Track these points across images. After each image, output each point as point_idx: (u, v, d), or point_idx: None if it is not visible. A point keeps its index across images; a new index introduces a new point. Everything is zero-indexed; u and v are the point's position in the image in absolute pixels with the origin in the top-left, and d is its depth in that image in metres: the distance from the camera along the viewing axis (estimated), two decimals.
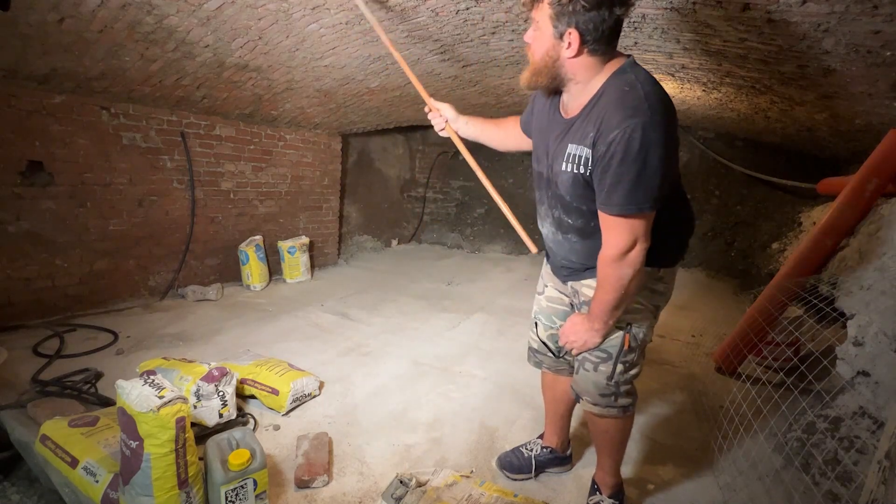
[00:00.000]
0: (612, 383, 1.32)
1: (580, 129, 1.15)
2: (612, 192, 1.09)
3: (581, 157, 1.14)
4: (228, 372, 1.82)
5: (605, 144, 1.07)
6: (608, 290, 1.19)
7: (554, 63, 1.14)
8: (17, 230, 2.67)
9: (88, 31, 2.23)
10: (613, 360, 1.31)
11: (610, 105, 1.08)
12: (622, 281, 1.17)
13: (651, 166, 1.05)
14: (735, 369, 2.56)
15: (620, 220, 1.11)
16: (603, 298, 1.21)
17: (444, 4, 2.21)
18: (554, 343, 1.53)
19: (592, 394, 1.36)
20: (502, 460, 1.68)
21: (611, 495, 1.51)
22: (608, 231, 1.15)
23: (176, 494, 1.24)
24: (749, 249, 5.03)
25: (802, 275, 2.50)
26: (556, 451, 1.70)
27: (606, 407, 1.36)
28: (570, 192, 1.21)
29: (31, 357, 2.32)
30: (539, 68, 1.17)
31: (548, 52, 1.14)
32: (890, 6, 1.55)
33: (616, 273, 1.16)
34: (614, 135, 1.05)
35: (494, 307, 3.64)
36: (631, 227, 1.12)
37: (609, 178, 1.08)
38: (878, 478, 1.11)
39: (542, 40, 1.14)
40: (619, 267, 1.16)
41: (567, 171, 1.18)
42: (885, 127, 2.53)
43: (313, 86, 3.35)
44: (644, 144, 1.04)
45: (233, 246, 3.84)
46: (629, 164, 1.05)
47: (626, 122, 1.04)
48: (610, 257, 1.16)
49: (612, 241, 1.15)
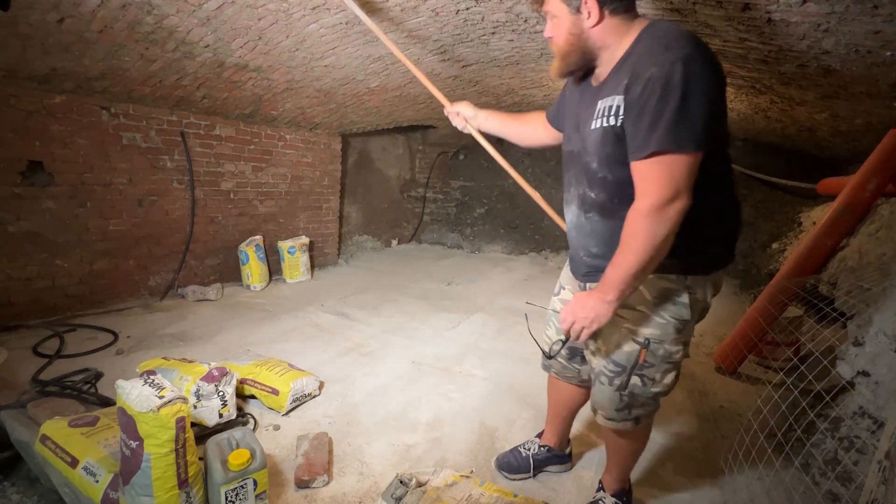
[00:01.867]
0: (626, 394, 1.24)
1: (612, 82, 1.09)
2: (651, 131, 0.97)
3: (612, 107, 1.06)
4: (228, 372, 1.82)
5: (640, 84, 0.99)
6: (633, 249, 1.03)
7: (579, 39, 1.12)
8: (17, 230, 2.67)
9: (88, 31, 2.23)
10: (627, 373, 1.22)
11: (645, 50, 1.03)
12: (653, 240, 1.00)
13: (693, 100, 0.95)
14: (735, 369, 2.56)
15: (658, 163, 0.98)
16: (624, 262, 1.04)
17: (444, 4, 2.21)
18: (566, 348, 1.46)
19: (608, 409, 1.30)
20: (500, 461, 1.68)
21: (614, 494, 1.49)
22: (644, 180, 1.01)
23: (176, 494, 1.24)
24: (749, 249, 5.03)
25: (802, 275, 2.50)
26: (554, 450, 1.69)
27: (622, 421, 1.30)
28: (598, 154, 1.12)
29: (31, 357, 2.32)
30: (566, 51, 1.15)
31: (570, 31, 1.12)
32: (890, 6, 1.55)
33: (649, 228, 1.00)
34: (651, 72, 0.97)
35: (494, 307, 3.64)
36: (671, 172, 0.97)
37: (646, 118, 0.98)
38: (878, 478, 1.11)
39: (560, 25, 1.13)
40: (653, 221, 1.00)
41: (596, 129, 1.11)
42: (885, 127, 2.53)
43: (313, 86, 3.35)
44: (685, 77, 0.94)
45: (233, 246, 3.84)
46: (668, 99, 0.95)
47: (664, 57, 0.97)
48: (645, 208, 1.00)
49: (650, 189, 1.00)
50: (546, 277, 4.66)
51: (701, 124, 0.97)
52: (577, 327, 1.13)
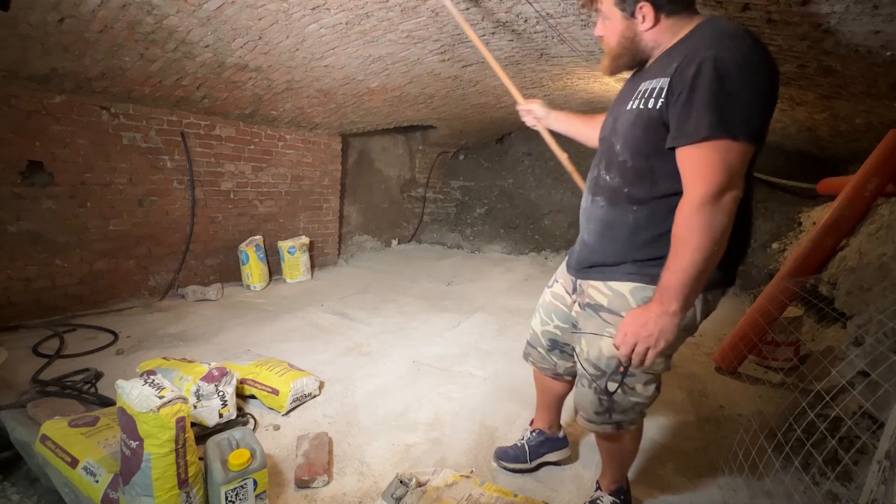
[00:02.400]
0: (606, 399, 1.21)
1: (660, 65, 1.06)
2: (704, 114, 0.90)
3: (655, 88, 1.01)
4: (228, 372, 1.82)
5: (694, 65, 0.92)
6: (693, 246, 0.93)
7: (632, 42, 1.11)
8: (17, 230, 2.67)
9: (88, 31, 2.23)
10: (605, 378, 1.18)
11: (702, 37, 0.98)
12: (712, 232, 0.92)
13: (750, 91, 0.89)
14: (735, 369, 2.56)
15: (712, 148, 0.91)
16: (683, 263, 0.94)
17: (443, 5, 2.21)
18: (546, 339, 1.48)
19: (588, 411, 1.28)
20: (498, 452, 1.70)
21: (611, 493, 1.49)
22: (694, 168, 0.94)
23: (176, 494, 1.24)
24: (749, 249, 5.03)
25: (802, 275, 2.50)
26: (545, 433, 1.69)
27: (602, 424, 1.27)
28: (626, 136, 1.09)
29: (31, 357, 2.32)
30: (618, 52, 1.15)
31: (623, 34, 1.11)
32: (890, 6, 1.55)
33: (706, 221, 0.92)
34: (706, 54, 0.91)
35: (494, 307, 3.64)
36: (724, 159, 0.90)
37: (699, 99, 0.91)
38: (878, 478, 1.11)
39: (613, 27, 1.12)
40: (710, 211, 0.91)
41: (632, 109, 1.08)
42: (885, 127, 2.53)
43: (313, 86, 3.35)
44: (746, 66, 0.90)
45: (233, 246, 3.84)
46: (727, 81, 0.89)
47: (723, 43, 0.92)
48: (699, 198, 0.92)
49: (703, 176, 0.92)
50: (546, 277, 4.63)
51: (757, 117, 0.92)
52: (641, 348, 1.01)
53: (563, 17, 2.25)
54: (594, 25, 1.31)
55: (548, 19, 2.29)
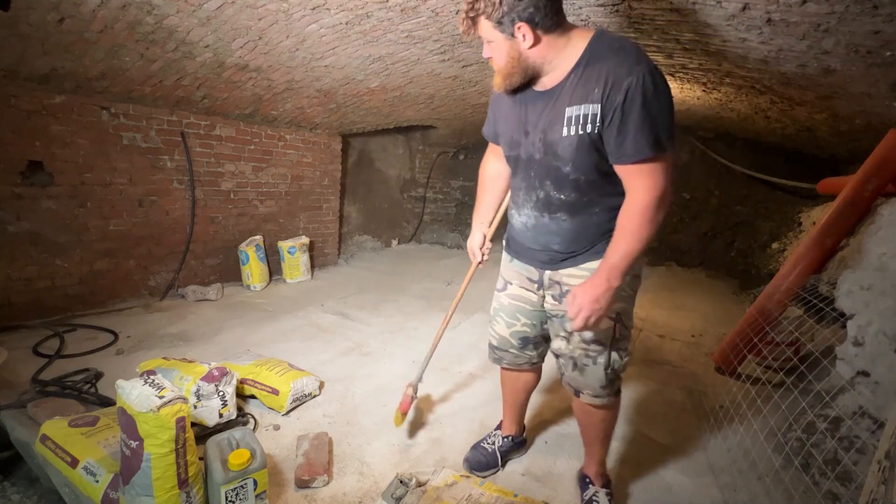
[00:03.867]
0: (610, 372, 1.34)
1: (577, 90, 1.14)
2: (639, 135, 1.07)
3: (587, 115, 1.12)
4: (228, 372, 1.82)
5: (621, 92, 1.06)
6: (640, 237, 1.14)
7: (519, 60, 1.16)
8: (17, 230, 2.67)
9: (88, 31, 2.23)
10: (608, 350, 1.32)
11: (609, 61, 1.09)
12: (656, 226, 1.15)
13: (667, 108, 1.09)
14: (735, 369, 2.56)
15: (655, 162, 1.11)
16: (630, 249, 1.15)
17: (444, 4, 2.21)
18: (517, 339, 1.53)
19: (594, 387, 1.37)
20: (471, 461, 1.69)
21: (604, 485, 1.55)
22: (639, 179, 1.13)
23: (176, 494, 1.24)
24: (749, 249, 5.03)
25: (802, 275, 2.50)
26: (516, 438, 1.77)
27: (607, 396, 1.39)
28: (573, 159, 1.18)
29: (31, 357, 2.32)
30: (508, 71, 1.19)
31: (509, 54, 1.16)
32: (890, 6, 1.55)
33: (654, 217, 1.13)
34: (629, 81, 1.05)
35: None
36: (664, 168, 1.12)
37: (632, 123, 1.07)
38: (878, 478, 1.11)
39: (499, 49, 1.16)
40: (656, 211, 1.13)
41: (570, 136, 1.15)
42: (885, 127, 2.53)
43: (313, 86, 3.35)
44: (658, 87, 1.07)
45: (233, 246, 3.84)
46: (651, 105, 1.06)
47: (636, 68, 1.06)
48: (647, 203, 1.12)
49: (649, 185, 1.12)
50: None
51: (673, 125, 1.12)
52: (595, 319, 1.17)
53: None
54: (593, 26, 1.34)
55: None
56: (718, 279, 5.03)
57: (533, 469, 1.74)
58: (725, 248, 5.31)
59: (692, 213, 5.57)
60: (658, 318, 3.62)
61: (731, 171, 5.28)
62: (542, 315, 1.47)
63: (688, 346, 3.07)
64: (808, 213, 4.34)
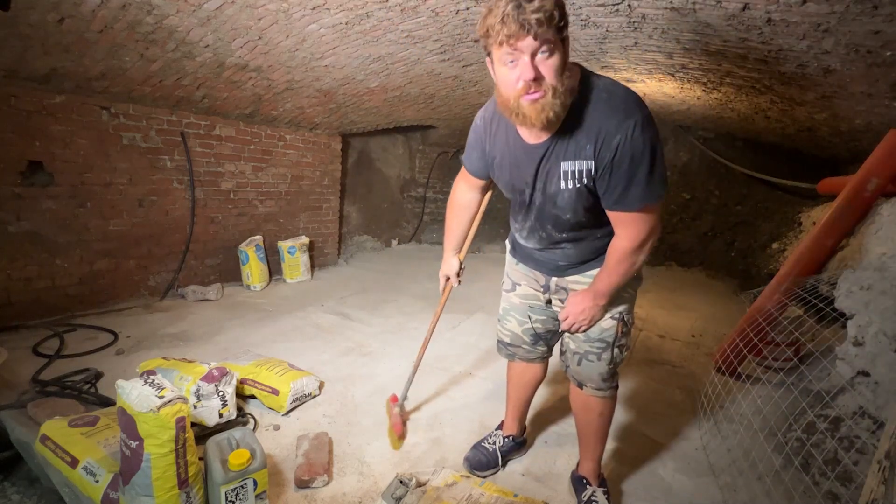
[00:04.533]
0: (612, 366, 1.41)
1: (569, 146, 1.12)
2: (628, 190, 1.11)
3: (582, 171, 1.14)
4: (228, 372, 1.82)
5: (610, 150, 1.08)
6: (620, 273, 1.24)
7: (574, 86, 1.06)
8: (17, 230, 2.67)
9: (88, 31, 2.23)
10: (611, 347, 1.38)
11: (600, 115, 1.08)
12: (634, 266, 1.24)
13: (658, 157, 1.10)
14: (735, 369, 2.56)
15: (639, 214, 1.15)
16: (612, 281, 1.26)
17: (443, 4, 2.21)
18: (529, 336, 1.57)
19: (596, 381, 1.43)
20: (471, 461, 1.69)
21: (600, 484, 1.57)
22: (626, 227, 1.18)
23: (176, 494, 1.24)
24: (749, 249, 5.03)
25: (802, 275, 2.50)
26: (517, 438, 1.78)
27: (608, 389, 1.45)
28: (573, 208, 1.21)
29: (31, 357, 2.32)
30: (564, 92, 1.03)
31: (570, 73, 1.05)
32: (890, 6, 1.55)
33: (632, 262, 1.22)
34: (618, 139, 1.07)
35: (494, 307, 3.61)
36: (649, 219, 1.17)
37: (623, 179, 1.10)
38: (878, 478, 1.11)
39: (556, 64, 0.99)
40: (636, 255, 1.21)
41: (569, 188, 1.17)
42: (885, 127, 2.53)
43: (313, 86, 3.35)
44: (647, 140, 1.07)
45: (233, 246, 3.84)
46: (640, 162, 1.08)
47: (625, 124, 1.06)
48: (629, 250, 1.20)
49: (632, 235, 1.18)
50: None
51: (665, 172, 1.14)
52: (576, 326, 1.36)
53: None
54: (593, 26, 1.33)
55: None
56: (718, 279, 5.03)
57: (533, 469, 1.74)
58: (725, 248, 5.31)
59: (692, 213, 5.57)
60: (658, 318, 3.62)
61: (731, 171, 5.28)
62: (551, 312, 1.53)
63: (688, 346, 3.07)
64: (808, 213, 4.33)
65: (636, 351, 2.92)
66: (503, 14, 0.94)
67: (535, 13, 0.93)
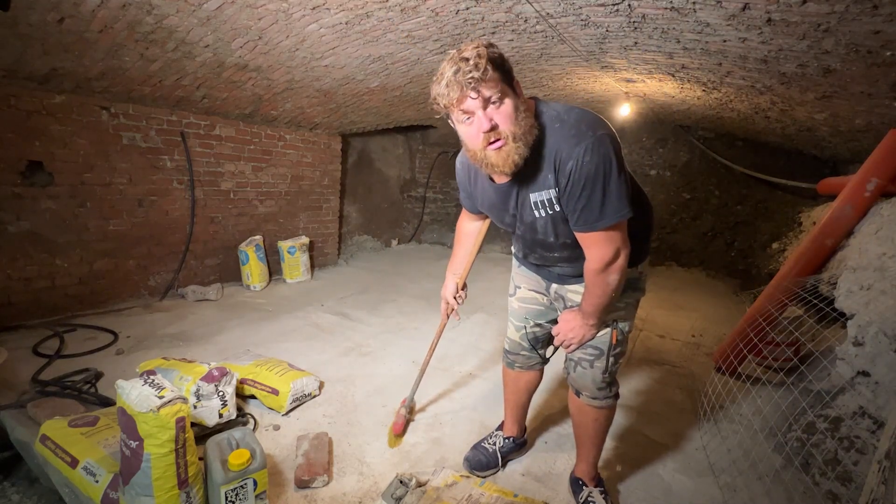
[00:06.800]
0: (607, 375, 1.41)
1: (532, 178, 1.16)
2: (585, 213, 1.12)
3: (550, 199, 1.17)
4: (228, 372, 1.82)
5: (565, 177, 1.10)
6: (598, 294, 1.25)
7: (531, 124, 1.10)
8: (17, 230, 2.67)
9: (88, 31, 2.23)
10: (606, 356, 1.39)
11: (554, 143, 1.11)
12: (610, 286, 1.23)
13: (613, 179, 1.08)
14: (735, 369, 2.56)
15: (600, 234, 1.15)
16: (594, 302, 1.28)
17: (443, 4, 2.21)
18: (528, 341, 1.59)
19: (591, 389, 1.43)
20: (471, 461, 1.70)
21: (597, 485, 1.57)
22: (590, 248, 1.20)
23: (176, 494, 1.23)
24: (749, 249, 5.03)
25: (802, 275, 2.50)
26: (517, 440, 1.79)
27: (605, 399, 1.45)
28: (554, 232, 1.25)
29: (31, 357, 2.32)
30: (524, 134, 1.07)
31: (525, 114, 1.08)
32: (890, 6, 1.55)
33: (604, 281, 1.22)
34: (570, 165, 1.08)
35: (494, 307, 3.64)
36: (610, 239, 1.16)
37: (580, 203, 1.11)
38: (878, 478, 1.11)
39: (509, 111, 1.04)
40: (606, 276, 1.21)
41: (542, 217, 1.22)
42: (885, 127, 2.53)
43: (313, 86, 3.35)
44: (598, 162, 1.06)
45: (233, 246, 3.84)
46: (595, 184, 1.08)
47: (576, 150, 1.07)
48: (596, 270, 1.21)
49: (596, 256, 1.19)
50: None
51: (625, 192, 1.11)
52: (567, 343, 1.39)
53: (563, 16, 2.25)
54: (593, 26, 1.33)
55: (548, 19, 2.29)
56: (718, 279, 5.03)
57: (533, 469, 1.74)
58: (725, 248, 5.31)
59: (692, 213, 5.57)
60: (658, 318, 3.62)
61: (731, 171, 5.28)
62: (552, 313, 1.54)
63: (688, 346, 3.07)
64: (808, 213, 4.33)
65: (636, 351, 2.92)
66: (446, 81, 1.01)
67: (471, 72, 0.98)
